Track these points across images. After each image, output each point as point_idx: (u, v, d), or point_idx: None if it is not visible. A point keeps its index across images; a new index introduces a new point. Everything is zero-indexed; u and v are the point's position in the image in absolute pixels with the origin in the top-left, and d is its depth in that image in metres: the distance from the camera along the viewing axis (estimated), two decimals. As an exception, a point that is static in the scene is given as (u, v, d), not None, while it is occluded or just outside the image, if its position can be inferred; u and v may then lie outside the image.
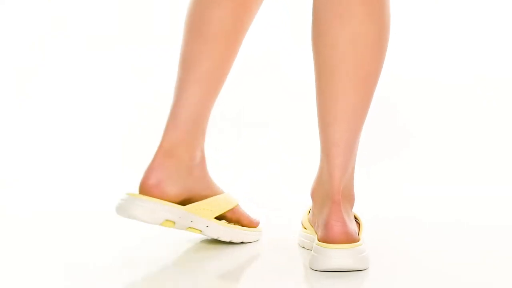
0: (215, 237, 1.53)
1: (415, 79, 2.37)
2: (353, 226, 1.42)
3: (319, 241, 1.39)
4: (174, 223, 1.47)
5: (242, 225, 1.58)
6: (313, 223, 1.51)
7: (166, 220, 1.46)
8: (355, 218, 1.50)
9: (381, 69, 1.42)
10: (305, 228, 1.56)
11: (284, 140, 2.33)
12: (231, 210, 1.57)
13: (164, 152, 1.48)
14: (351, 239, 1.38)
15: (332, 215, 1.39)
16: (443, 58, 2.39)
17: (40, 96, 2.43)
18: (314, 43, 1.42)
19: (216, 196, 1.54)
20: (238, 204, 1.58)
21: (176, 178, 1.48)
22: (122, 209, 1.43)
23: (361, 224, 1.49)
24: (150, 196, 1.45)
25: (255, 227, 1.60)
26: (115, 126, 2.40)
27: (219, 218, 1.56)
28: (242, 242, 1.57)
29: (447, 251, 1.55)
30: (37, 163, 2.27)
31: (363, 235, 1.48)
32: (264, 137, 2.33)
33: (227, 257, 1.51)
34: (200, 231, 1.51)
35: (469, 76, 2.36)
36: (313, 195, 1.51)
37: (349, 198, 1.47)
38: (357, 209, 1.55)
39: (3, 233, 1.74)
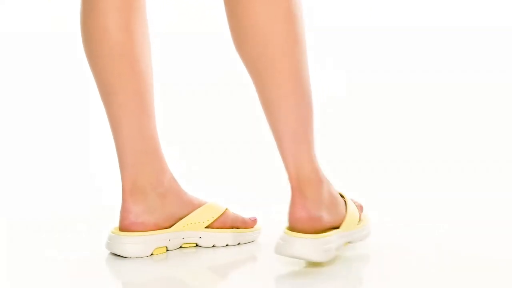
0: (211, 245, 1.54)
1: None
2: (320, 211, 1.40)
3: (285, 228, 1.40)
4: (165, 247, 1.50)
5: (238, 228, 1.58)
6: None
7: (157, 248, 1.49)
8: (341, 195, 1.47)
9: (302, 52, 1.37)
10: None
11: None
12: (222, 216, 1.57)
13: (129, 192, 1.49)
14: (317, 227, 1.38)
15: (292, 201, 1.40)
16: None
17: (41, 96, 2.43)
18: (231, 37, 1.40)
19: (199, 208, 1.55)
20: (227, 209, 1.58)
21: (151, 209, 1.50)
22: (112, 248, 1.47)
23: (348, 204, 1.46)
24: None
25: (252, 227, 1.59)
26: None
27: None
28: (239, 244, 1.57)
29: (445, 251, 1.55)
30: (37, 163, 2.27)
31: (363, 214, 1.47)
32: (264, 137, 2.33)
33: (226, 257, 1.51)
34: (195, 244, 1.54)
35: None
36: None
37: (316, 183, 1.42)
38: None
39: (3, 233, 1.74)
